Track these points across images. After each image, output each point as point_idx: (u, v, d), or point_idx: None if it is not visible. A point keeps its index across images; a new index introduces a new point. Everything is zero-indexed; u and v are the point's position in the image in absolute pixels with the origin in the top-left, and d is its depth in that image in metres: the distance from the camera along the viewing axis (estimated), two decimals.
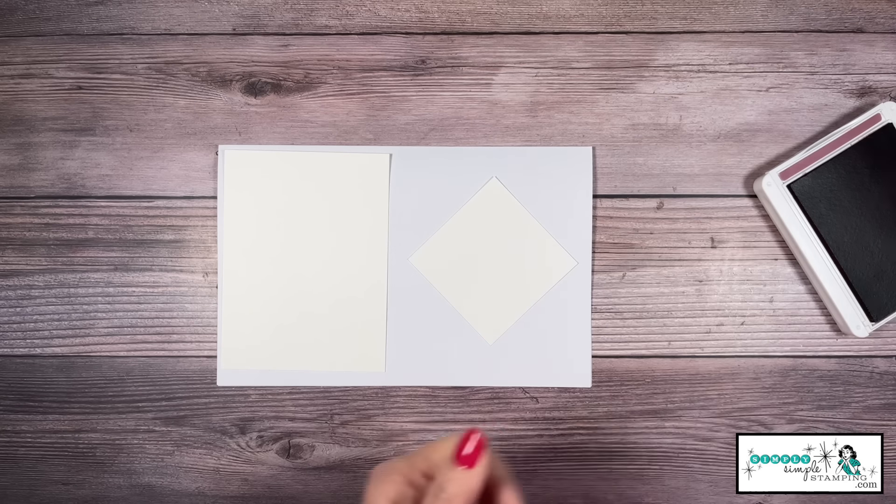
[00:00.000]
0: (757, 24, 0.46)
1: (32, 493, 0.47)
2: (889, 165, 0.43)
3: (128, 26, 0.47)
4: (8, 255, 0.47)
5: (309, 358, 0.46)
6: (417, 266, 0.46)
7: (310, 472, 0.47)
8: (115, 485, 0.47)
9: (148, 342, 0.47)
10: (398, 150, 0.47)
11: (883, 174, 0.43)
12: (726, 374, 0.46)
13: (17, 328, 0.47)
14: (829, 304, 0.44)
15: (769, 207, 0.45)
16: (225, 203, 0.47)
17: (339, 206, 0.47)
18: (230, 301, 0.46)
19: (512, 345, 0.46)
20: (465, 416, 0.46)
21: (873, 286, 0.43)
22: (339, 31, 0.47)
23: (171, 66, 0.47)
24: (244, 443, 0.47)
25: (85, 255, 0.47)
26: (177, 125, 0.47)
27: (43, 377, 0.47)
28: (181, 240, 0.47)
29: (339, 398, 0.47)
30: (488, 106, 0.47)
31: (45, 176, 0.47)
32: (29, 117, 0.47)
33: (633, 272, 0.46)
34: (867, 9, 0.46)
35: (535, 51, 0.47)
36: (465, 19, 0.47)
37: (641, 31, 0.46)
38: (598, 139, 0.47)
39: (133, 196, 0.47)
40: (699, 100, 0.46)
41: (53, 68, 0.47)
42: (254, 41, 0.47)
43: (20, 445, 0.47)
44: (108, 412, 0.47)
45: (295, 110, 0.47)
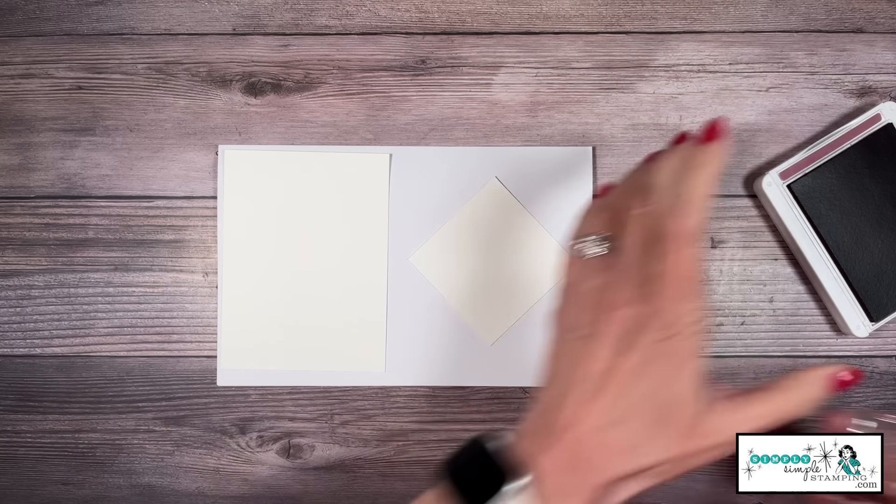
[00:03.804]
0: (757, 24, 0.46)
1: (32, 493, 0.47)
2: (889, 165, 0.43)
3: (128, 26, 0.47)
4: (8, 255, 0.47)
5: (309, 358, 0.46)
6: (417, 266, 0.46)
7: (310, 472, 0.47)
8: (115, 485, 0.47)
9: (148, 342, 0.47)
10: (398, 150, 0.47)
11: (883, 174, 0.43)
12: (726, 374, 0.46)
13: (17, 328, 0.47)
14: (829, 304, 0.44)
15: (769, 207, 0.45)
16: (225, 203, 0.47)
17: (338, 206, 0.47)
18: (230, 301, 0.46)
19: (512, 345, 0.46)
20: (465, 416, 0.46)
21: (873, 286, 0.43)
22: (339, 31, 0.47)
23: (171, 66, 0.47)
24: (244, 443, 0.47)
25: (85, 255, 0.47)
26: (177, 125, 0.47)
27: (43, 377, 0.47)
28: (181, 240, 0.47)
29: (339, 398, 0.47)
30: (488, 106, 0.47)
31: (45, 176, 0.47)
32: (29, 117, 0.47)
33: None
34: (867, 9, 0.46)
35: (535, 51, 0.47)
36: (465, 19, 0.47)
37: (641, 31, 0.46)
38: (598, 139, 0.47)
39: (133, 196, 0.47)
40: (699, 100, 0.46)
41: (53, 68, 0.47)
42: (254, 41, 0.47)
43: (20, 445, 0.47)
44: (108, 412, 0.47)
45: (295, 110, 0.47)
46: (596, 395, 0.31)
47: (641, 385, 0.31)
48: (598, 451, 0.31)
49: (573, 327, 0.33)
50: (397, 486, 0.47)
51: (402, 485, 0.47)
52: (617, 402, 0.31)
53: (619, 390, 0.31)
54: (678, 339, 0.31)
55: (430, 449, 0.47)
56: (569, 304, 0.35)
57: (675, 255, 0.31)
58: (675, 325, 0.31)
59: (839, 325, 0.45)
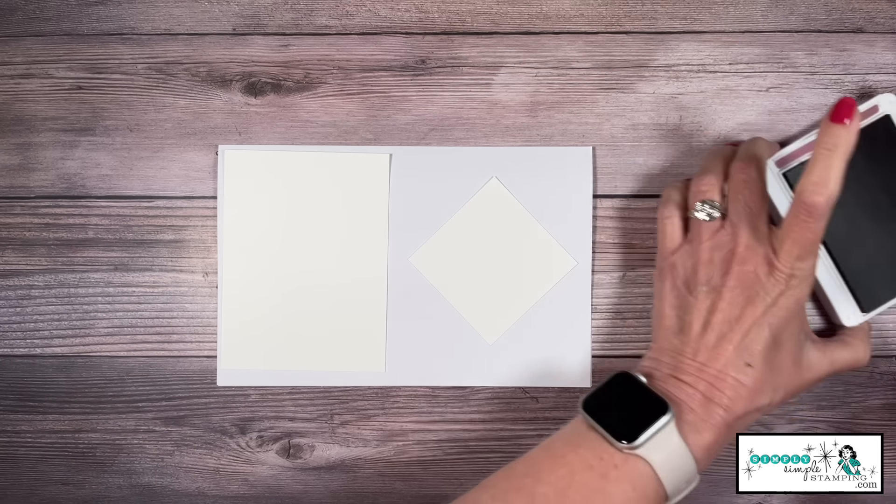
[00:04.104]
0: (757, 24, 0.46)
1: (32, 493, 0.47)
2: (885, 157, 0.43)
3: (128, 26, 0.47)
4: (8, 255, 0.47)
5: (309, 358, 0.46)
6: (417, 266, 0.47)
7: (310, 472, 0.47)
8: (115, 485, 0.47)
9: (148, 342, 0.47)
10: (398, 150, 0.47)
11: (879, 165, 0.43)
12: None
13: (17, 328, 0.47)
14: (821, 294, 0.44)
15: None
16: (225, 203, 0.47)
17: (339, 206, 0.47)
18: (230, 301, 0.46)
19: (512, 345, 0.46)
20: (465, 416, 0.46)
21: (865, 277, 0.43)
22: (339, 31, 0.47)
23: (171, 66, 0.47)
24: (244, 443, 0.47)
25: (85, 255, 0.47)
26: (177, 125, 0.47)
27: (43, 377, 0.47)
28: (181, 240, 0.47)
29: (339, 398, 0.47)
30: (488, 106, 0.47)
31: (45, 176, 0.47)
32: (29, 117, 0.47)
33: (633, 272, 0.46)
34: (867, 9, 0.46)
35: (535, 51, 0.47)
36: (465, 19, 0.47)
37: (641, 31, 0.46)
38: (598, 139, 0.47)
39: (133, 196, 0.47)
40: (699, 100, 0.46)
41: (53, 68, 0.47)
42: (254, 41, 0.47)
43: (20, 445, 0.47)
44: (108, 412, 0.47)
45: (295, 110, 0.47)
46: (724, 341, 0.36)
47: (764, 332, 0.36)
48: (728, 391, 0.36)
49: (698, 281, 0.38)
50: (397, 486, 0.47)
51: (402, 485, 0.47)
52: (745, 348, 0.36)
53: (745, 337, 0.36)
54: (793, 291, 0.36)
55: (430, 449, 0.47)
56: (688, 261, 0.39)
57: (805, 225, 0.35)
58: (792, 279, 0.36)
59: (830, 316, 0.45)
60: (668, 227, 0.41)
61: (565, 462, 0.36)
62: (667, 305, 0.39)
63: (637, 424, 0.35)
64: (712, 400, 0.36)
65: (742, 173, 0.39)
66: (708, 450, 0.36)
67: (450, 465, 0.46)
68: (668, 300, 0.39)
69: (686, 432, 0.35)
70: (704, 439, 0.36)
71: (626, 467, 0.35)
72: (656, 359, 0.39)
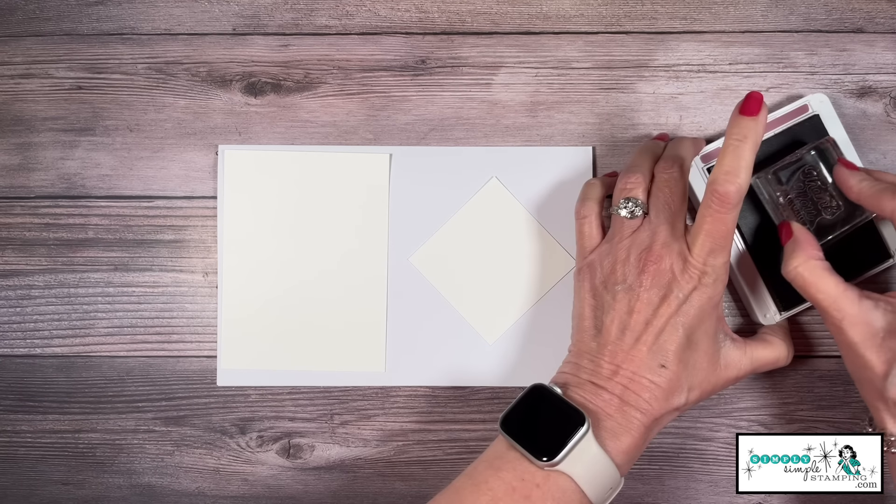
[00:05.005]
0: (757, 24, 0.46)
1: (32, 493, 0.47)
2: None
3: (128, 26, 0.47)
4: (8, 255, 0.47)
5: (309, 358, 0.46)
6: (417, 266, 0.47)
7: (310, 472, 0.47)
8: (115, 485, 0.47)
9: (148, 342, 0.47)
10: (398, 150, 0.47)
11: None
12: None
13: (17, 328, 0.47)
14: (742, 293, 0.44)
15: (690, 192, 0.43)
16: (225, 203, 0.47)
17: (339, 206, 0.47)
18: (230, 301, 0.46)
19: (512, 345, 0.46)
20: (465, 416, 0.46)
21: None
22: (339, 31, 0.47)
23: (171, 66, 0.47)
24: (244, 443, 0.47)
25: (85, 255, 0.47)
26: (177, 125, 0.47)
27: (43, 377, 0.47)
28: (181, 240, 0.47)
29: (339, 398, 0.47)
30: (488, 106, 0.47)
31: (45, 176, 0.47)
32: (29, 117, 0.47)
33: None
34: (867, 9, 0.46)
35: (535, 51, 0.47)
36: (465, 19, 0.47)
37: (641, 31, 0.46)
38: (598, 139, 0.47)
39: (133, 196, 0.47)
40: (699, 100, 0.46)
41: (53, 68, 0.47)
42: (254, 41, 0.47)
43: (20, 445, 0.47)
44: (108, 412, 0.47)
45: (295, 110, 0.47)
46: (639, 343, 0.36)
47: (678, 332, 0.36)
48: (644, 394, 0.36)
49: (616, 280, 0.38)
50: (397, 486, 0.47)
51: (402, 485, 0.47)
52: (659, 348, 0.36)
53: (659, 337, 0.36)
54: (707, 288, 0.36)
55: (430, 449, 0.47)
56: (606, 259, 0.39)
57: (717, 216, 0.36)
58: (705, 277, 0.36)
59: (749, 314, 0.44)
60: (586, 227, 0.41)
61: (487, 488, 0.35)
62: (586, 306, 0.39)
63: (556, 438, 0.34)
64: (629, 403, 0.36)
65: (665, 173, 0.39)
66: (628, 454, 0.36)
67: (450, 465, 0.46)
68: (586, 301, 0.39)
69: (605, 439, 0.35)
70: (624, 444, 0.35)
71: (548, 485, 0.34)
72: (575, 363, 0.38)
